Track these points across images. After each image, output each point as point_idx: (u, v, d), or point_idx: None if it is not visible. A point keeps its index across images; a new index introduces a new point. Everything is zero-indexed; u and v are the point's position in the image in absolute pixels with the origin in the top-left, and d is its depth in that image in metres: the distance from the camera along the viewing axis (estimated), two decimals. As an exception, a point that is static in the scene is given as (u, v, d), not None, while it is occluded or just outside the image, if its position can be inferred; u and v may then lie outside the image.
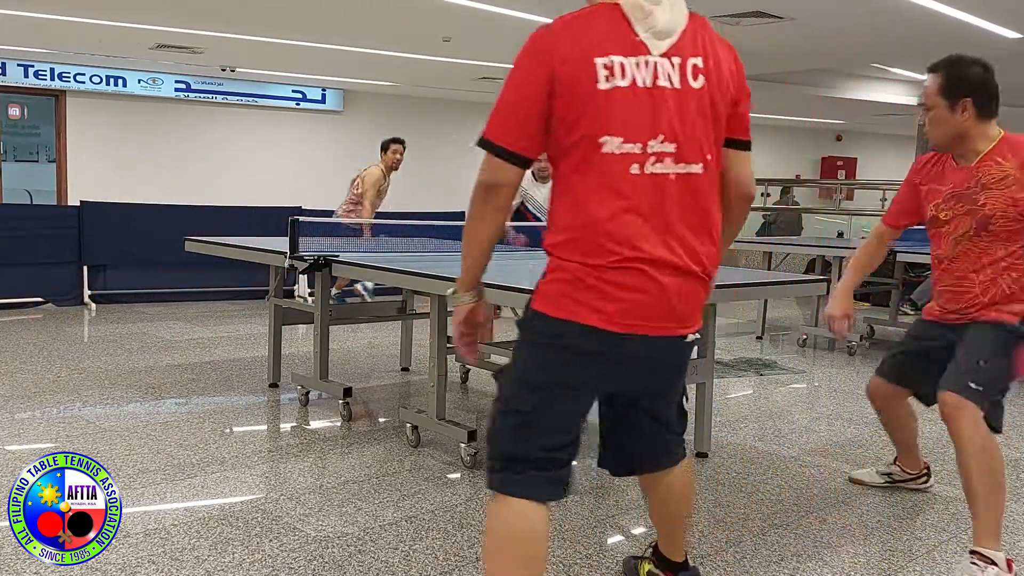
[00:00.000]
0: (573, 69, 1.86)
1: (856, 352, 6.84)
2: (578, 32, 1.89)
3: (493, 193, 1.95)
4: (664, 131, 1.89)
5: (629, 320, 1.92)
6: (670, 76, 1.90)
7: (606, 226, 1.89)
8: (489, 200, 1.96)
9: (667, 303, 1.93)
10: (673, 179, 1.91)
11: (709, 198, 1.98)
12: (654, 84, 1.89)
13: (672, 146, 1.90)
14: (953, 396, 2.84)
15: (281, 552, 2.85)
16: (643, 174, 1.89)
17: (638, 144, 1.88)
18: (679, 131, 1.90)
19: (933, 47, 3.11)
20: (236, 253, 5.06)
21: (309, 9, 8.29)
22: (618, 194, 1.89)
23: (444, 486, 3.55)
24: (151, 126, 13.08)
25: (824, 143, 18.92)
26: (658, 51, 1.90)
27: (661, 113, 1.89)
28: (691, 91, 1.92)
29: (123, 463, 3.69)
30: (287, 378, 5.13)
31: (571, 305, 1.92)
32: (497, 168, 1.93)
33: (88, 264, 8.18)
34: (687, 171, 1.92)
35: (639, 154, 1.88)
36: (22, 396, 4.79)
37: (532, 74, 1.89)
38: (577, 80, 1.86)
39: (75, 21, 9.05)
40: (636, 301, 1.91)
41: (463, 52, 10.42)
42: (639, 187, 1.89)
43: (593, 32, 1.89)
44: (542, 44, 1.89)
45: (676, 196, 1.92)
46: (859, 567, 2.92)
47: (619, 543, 3.10)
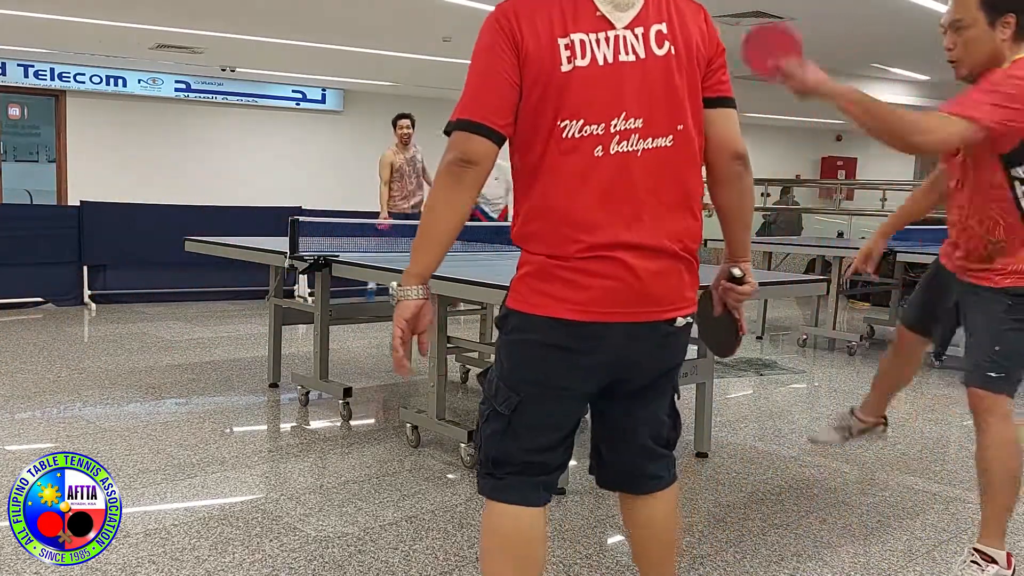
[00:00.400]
0: (535, 51, 1.77)
1: (856, 352, 6.84)
2: (538, 9, 1.79)
3: (467, 172, 1.79)
4: (628, 108, 1.79)
5: (600, 308, 1.81)
6: (634, 48, 1.80)
7: (570, 214, 1.80)
8: (462, 179, 1.79)
9: (641, 287, 1.82)
10: (640, 156, 1.80)
11: (685, 170, 1.85)
12: (615, 60, 1.79)
13: (638, 122, 1.79)
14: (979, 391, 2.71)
15: (281, 552, 2.85)
16: (607, 154, 1.78)
17: (600, 125, 1.78)
18: (644, 105, 1.80)
19: (933, 47, 3.06)
20: (236, 253, 5.06)
21: (309, 9, 8.29)
22: (581, 179, 1.79)
23: (444, 486, 3.55)
24: (151, 126, 13.09)
25: (824, 143, 18.93)
26: (621, 24, 1.80)
27: (624, 89, 1.79)
28: (656, 60, 1.81)
29: (123, 463, 3.69)
30: (287, 378, 5.13)
31: (539, 299, 1.83)
32: (470, 143, 1.78)
33: (88, 264, 8.18)
34: (655, 145, 1.81)
35: (601, 135, 1.78)
36: (22, 396, 4.79)
37: (500, 50, 1.79)
38: (540, 62, 1.77)
39: (75, 21, 9.05)
40: (607, 288, 1.80)
41: (463, 52, 10.42)
42: (603, 169, 1.79)
43: (555, 8, 1.79)
44: (506, 22, 1.79)
45: (645, 174, 1.81)
46: (859, 567, 2.92)
47: (619, 543, 3.10)
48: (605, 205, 1.79)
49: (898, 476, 3.90)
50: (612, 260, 1.80)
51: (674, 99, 1.82)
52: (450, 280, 3.56)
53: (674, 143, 1.83)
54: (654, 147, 1.81)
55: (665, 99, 1.82)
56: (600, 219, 1.79)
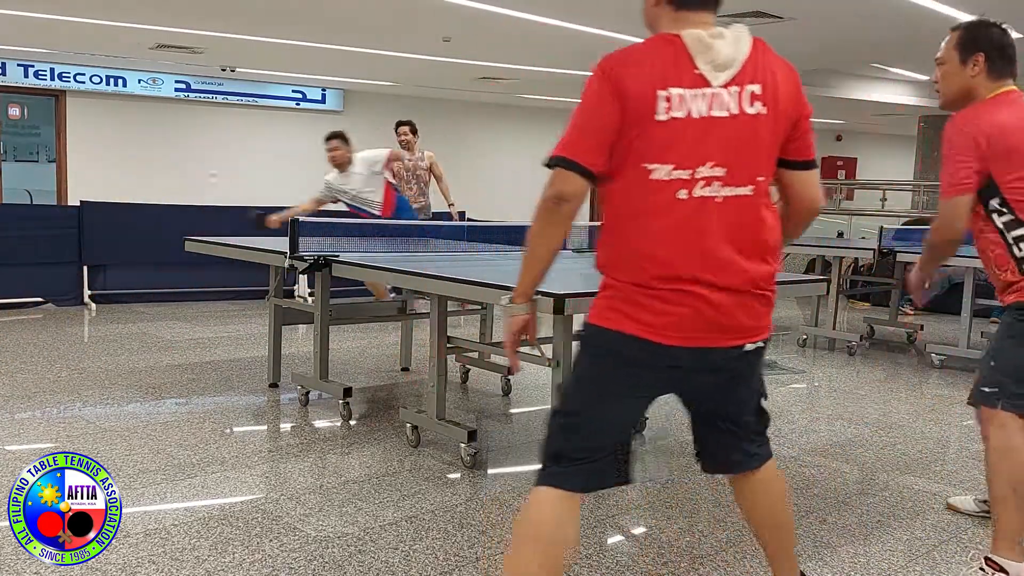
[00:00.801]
0: (637, 100, 1.95)
1: (856, 352, 6.84)
2: (643, 64, 1.99)
3: (561, 207, 2.02)
4: (714, 157, 1.98)
5: (675, 332, 2.00)
6: (728, 105, 1.99)
7: (650, 249, 1.99)
8: (557, 213, 2.03)
9: (714, 319, 2.01)
10: (720, 202, 1.99)
11: (760, 218, 2.05)
12: (708, 114, 1.98)
13: (722, 171, 1.98)
14: (981, 406, 2.91)
15: (281, 552, 2.85)
16: (691, 198, 1.97)
17: (688, 170, 1.97)
18: (730, 156, 1.99)
19: (933, 47, 3.11)
20: (236, 253, 5.06)
21: (309, 9, 8.29)
22: (664, 218, 1.98)
23: (444, 486, 3.55)
24: (151, 126, 13.09)
25: (824, 143, 18.92)
26: (718, 82, 1.98)
27: (713, 140, 1.98)
28: (747, 118, 2.00)
29: (123, 463, 3.69)
30: (287, 378, 5.13)
31: (619, 318, 2.03)
32: (568, 181, 1.99)
33: (88, 264, 8.18)
34: (735, 193, 2.00)
35: (687, 179, 1.97)
36: (22, 396, 4.79)
37: (604, 99, 1.98)
38: (639, 110, 1.96)
39: (75, 21, 9.05)
40: (682, 315, 1.99)
41: (463, 52, 10.42)
42: (685, 211, 1.98)
43: (656, 64, 1.98)
44: (613, 73, 1.98)
45: (723, 217, 1.99)
46: (859, 567, 2.92)
47: (619, 543, 3.10)
48: (684, 243, 1.99)
49: (898, 476, 3.90)
50: (688, 293, 1.99)
51: (758, 153, 2.03)
52: (450, 280, 3.56)
53: (754, 192, 2.03)
54: (734, 195, 2.00)
55: (749, 152, 2.02)
56: (676, 255, 1.99)
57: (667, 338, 2.00)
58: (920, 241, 7.04)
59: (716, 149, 1.98)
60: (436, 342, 3.90)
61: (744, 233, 2.02)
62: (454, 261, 4.55)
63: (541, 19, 8.27)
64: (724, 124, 1.98)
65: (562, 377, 3.40)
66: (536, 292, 2.20)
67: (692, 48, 1.99)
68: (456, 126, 15.98)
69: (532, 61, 11.06)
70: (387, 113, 15.55)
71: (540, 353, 2.17)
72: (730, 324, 2.03)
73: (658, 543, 3.06)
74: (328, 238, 5.18)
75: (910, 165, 15.22)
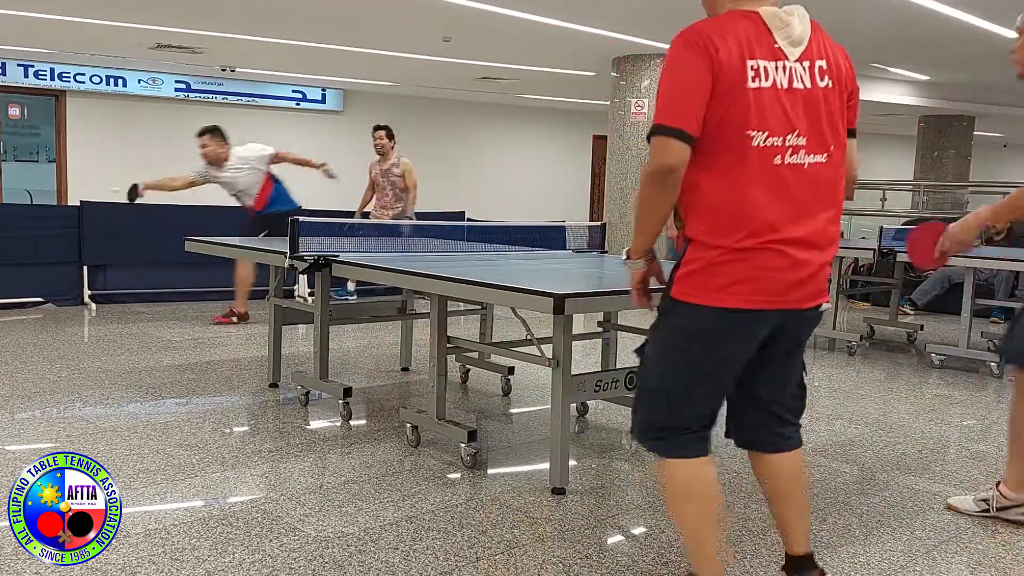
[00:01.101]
0: (728, 67, 2.09)
1: (856, 352, 6.84)
2: (729, 34, 2.12)
3: (668, 178, 2.13)
4: (798, 127, 2.16)
5: (762, 297, 2.18)
6: (803, 78, 2.17)
7: (747, 210, 2.14)
8: (665, 181, 2.13)
9: (800, 279, 2.20)
10: (806, 168, 2.18)
11: (834, 183, 2.25)
12: (789, 85, 2.15)
13: (804, 139, 2.17)
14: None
15: (281, 552, 2.85)
16: (784, 164, 2.15)
17: (780, 138, 2.14)
18: (808, 126, 2.17)
19: (933, 47, 3.14)
20: (236, 253, 5.06)
21: (309, 9, 8.30)
22: (760, 182, 2.14)
23: (444, 486, 3.55)
24: (151, 126, 13.09)
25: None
26: (793, 57, 2.16)
27: (795, 111, 2.15)
28: (819, 91, 2.19)
29: (123, 463, 3.69)
30: (287, 378, 5.13)
31: (705, 292, 2.19)
32: (672, 151, 2.10)
33: (88, 264, 8.18)
34: (815, 160, 2.19)
35: (780, 147, 2.14)
36: (22, 396, 4.79)
37: (695, 64, 2.09)
38: (731, 77, 2.09)
39: (75, 21, 9.06)
40: (772, 279, 2.17)
41: (463, 52, 10.42)
42: (782, 176, 2.15)
43: (741, 35, 2.13)
44: (700, 39, 2.10)
45: (809, 183, 2.18)
46: (859, 567, 2.92)
47: (619, 543, 3.10)
48: (777, 205, 2.15)
49: (898, 476, 3.90)
50: (783, 255, 2.16)
51: (830, 124, 2.22)
52: (450, 280, 3.56)
53: (827, 160, 2.22)
54: (814, 162, 2.20)
55: (824, 123, 2.20)
56: (772, 216, 2.15)
57: (755, 303, 2.18)
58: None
59: (798, 119, 2.16)
60: (436, 342, 3.90)
61: (822, 196, 2.21)
62: (454, 261, 4.55)
63: (541, 19, 8.27)
64: (802, 96, 2.17)
65: (561, 376, 3.40)
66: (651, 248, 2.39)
67: (770, 23, 2.15)
68: (456, 126, 15.98)
69: (532, 61, 11.07)
70: (387, 113, 15.55)
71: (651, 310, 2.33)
72: (809, 284, 2.23)
73: (658, 543, 3.06)
74: (328, 238, 5.18)
75: (910, 165, 15.22)
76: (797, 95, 2.16)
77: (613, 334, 4.71)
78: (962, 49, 8.67)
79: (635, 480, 3.83)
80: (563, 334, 3.39)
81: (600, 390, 3.66)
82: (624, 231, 10.16)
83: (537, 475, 3.71)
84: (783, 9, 2.18)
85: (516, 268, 4.30)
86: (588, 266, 4.63)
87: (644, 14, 8.13)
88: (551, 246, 5.65)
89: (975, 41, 8.24)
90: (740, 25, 2.14)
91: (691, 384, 2.30)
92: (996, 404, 5.47)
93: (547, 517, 3.25)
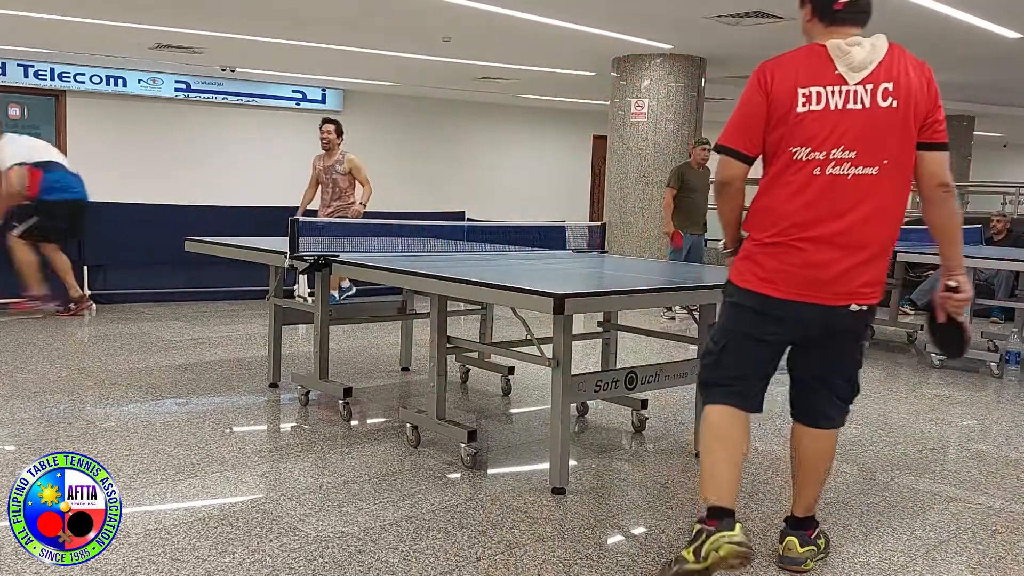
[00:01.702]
0: (780, 97, 2.54)
1: (856, 352, 6.83)
2: (788, 68, 2.57)
3: (727, 188, 2.67)
4: (846, 142, 2.51)
5: (792, 289, 2.57)
6: (863, 99, 2.51)
7: (787, 212, 2.56)
8: (726, 193, 2.68)
9: (820, 276, 2.55)
10: (849, 179, 2.53)
11: (885, 192, 2.55)
12: (844, 107, 2.51)
13: (851, 153, 2.51)
14: None
15: (281, 552, 2.85)
16: (823, 175, 2.53)
17: (822, 152, 2.52)
18: (860, 142, 2.51)
19: (933, 47, 3.12)
20: (236, 253, 5.06)
21: (309, 9, 8.29)
22: (800, 189, 2.55)
23: (444, 486, 3.55)
24: (151, 126, 13.09)
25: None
26: (853, 81, 2.52)
27: (845, 128, 2.51)
28: (879, 110, 2.51)
29: (123, 463, 3.69)
30: (287, 378, 5.13)
31: (749, 277, 2.65)
32: (728, 166, 2.63)
33: (88, 264, 8.17)
34: (862, 172, 2.53)
35: (822, 160, 2.53)
36: (22, 396, 4.79)
37: (754, 97, 2.58)
38: (782, 105, 2.54)
39: (75, 21, 9.05)
40: (796, 274, 2.56)
41: (463, 52, 10.42)
42: (820, 185, 2.53)
43: (800, 68, 2.56)
44: (762, 76, 2.58)
45: (851, 191, 2.53)
46: (859, 567, 2.92)
47: (619, 543, 3.10)
48: (808, 209, 2.54)
49: (898, 476, 3.90)
50: (798, 249, 2.55)
51: (886, 140, 2.53)
52: (450, 280, 3.56)
53: (879, 172, 2.53)
54: (861, 173, 2.53)
55: (879, 139, 2.52)
56: (800, 218, 2.55)
57: (782, 292, 2.57)
58: (920, 241, 7.05)
59: (848, 135, 2.50)
60: (436, 342, 3.90)
61: (868, 204, 2.52)
62: (454, 261, 4.55)
63: (541, 19, 8.26)
64: (857, 115, 2.51)
65: (561, 376, 3.41)
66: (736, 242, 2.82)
67: (833, 53, 2.53)
68: (456, 126, 15.98)
69: (532, 61, 11.07)
70: (387, 113, 15.62)
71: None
72: (836, 285, 2.56)
73: (658, 543, 3.06)
74: (328, 238, 5.17)
75: (910, 165, 15.21)
76: (851, 115, 2.50)
77: (613, 334, 4.71)
78: (962, 49, 8.67)
79: (635, 480, 3.83)
80: (563, 334, 3.39)
81: (600, 390, 3.66)
82: (624, 231, 10.16)
83: (537, 475, 3.71)
84: (848, 40, 2.53)
85: (516, 268, 4.30)
86: (588, 266, 4.63)
87: (644, 14, 8.13)
88: (551, 246, 5.65)
89: (975, 41, 8.23)
90: (806, 57, 2.56)
91: (723, 350, 2.73)
92: (996, 404, 5.48)
93: (547, 517, 3.25)
